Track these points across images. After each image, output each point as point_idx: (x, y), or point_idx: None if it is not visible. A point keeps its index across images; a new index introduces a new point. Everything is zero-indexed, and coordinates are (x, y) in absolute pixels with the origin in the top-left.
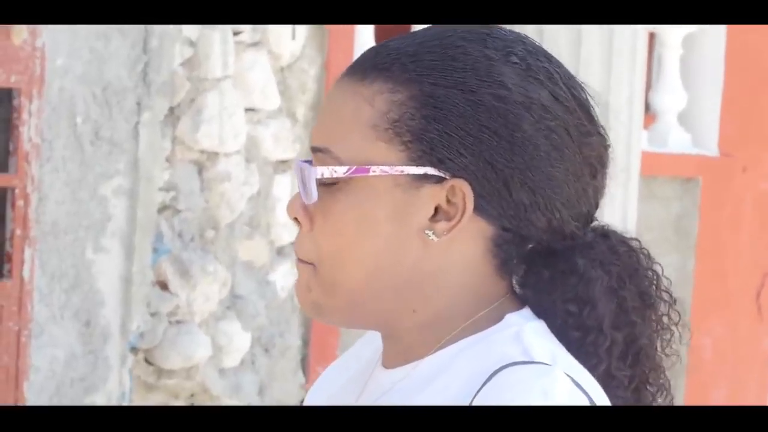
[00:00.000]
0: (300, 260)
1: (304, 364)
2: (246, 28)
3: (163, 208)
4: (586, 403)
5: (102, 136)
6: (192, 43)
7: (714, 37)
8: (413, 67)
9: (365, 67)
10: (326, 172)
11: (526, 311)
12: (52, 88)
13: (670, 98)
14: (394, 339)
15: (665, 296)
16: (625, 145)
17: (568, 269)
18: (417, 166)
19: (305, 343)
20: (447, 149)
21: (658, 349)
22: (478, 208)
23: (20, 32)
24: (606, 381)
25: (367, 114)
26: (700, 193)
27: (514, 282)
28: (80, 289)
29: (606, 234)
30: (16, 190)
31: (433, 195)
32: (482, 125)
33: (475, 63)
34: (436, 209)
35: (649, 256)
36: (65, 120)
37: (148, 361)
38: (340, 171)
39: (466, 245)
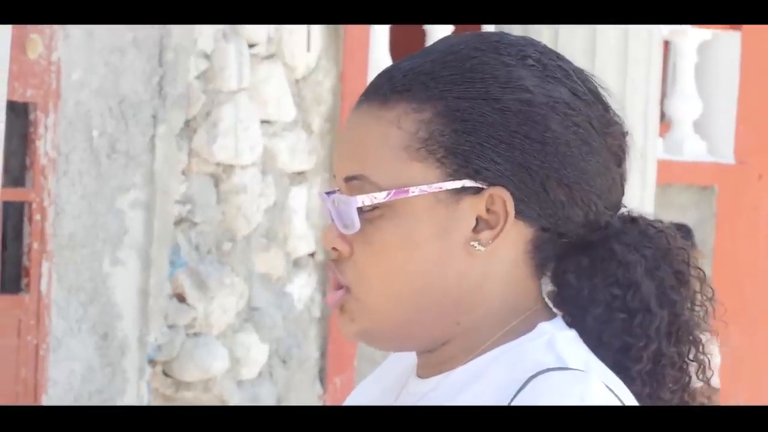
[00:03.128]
0: (338, 287)
1: (322, 376)
2: (261, 41)
3: (179, 221)
4: (616, 403)
5: (118, 149)
6: (207, 56)
7: (729, 45)
8: (434, 85)
9: (384, 92)
10: (366, 200)
11: (558, 320)
12: (68, 102)
13: (686, 106)
14: (432, 351)
15: (698, 273)
16: (640, 153)
17: (606, 255)
18: (454, 180)
19: (323, 354)
20: (481, 159)
21: (696, 325)
22: (517, 212)
23: (36, 46)
24: (656, 359)
25: (396, 137)
26: (716, 200)
27: (550, 286)
28: (97, 302)
29: (634, 219)
30: (33, 204)
31: (474, 206)
32: (512, 131)
33: (494, 71)
34: (478, 219)
35: (676, 236)
36: (81, 133)
37: (165, 374)
38: (380, 197)
39: (507, 250)
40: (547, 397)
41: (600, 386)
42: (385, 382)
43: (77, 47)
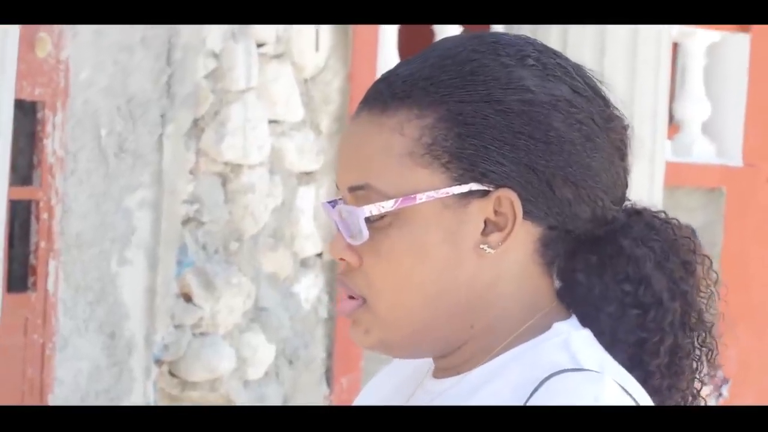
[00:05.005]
0: (349, 297)
1: (328, 376)
2: (269, 40)
3: (187, 221)
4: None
5: (126, 148)
6: (215, 56)
7: (738, 47)
8: (434, 90)
9: (383, 99)
10: (374, 209)
11: (573, 320)
12: (76, 100)
13: (694, 108)
14: (448, 354)
15: (703, 260)
16: (649, 155)
17: (615, 252)
18: (460, 184)
19: (329, 354)
20: (486, 162)
21: (706, 310)
22: (525, 213)
23: (44, 45)
24: (673, 352)
25: (399, 144)
26: (725, 203)
27: (557, 282)
28: (105, 302)
29: (639, 212)
30: (41, 203)
31: (481, 209)
32: (516, 131)
33: (494, 73)
34: (486, 222)
35: (680, 225)
36: (89, 133)
37: (172, 373)
38: (387, 205)
39: (516, 251)
40: (561, 397)
41: (614, 387)
42: (398, 379)
43: (86, 46)
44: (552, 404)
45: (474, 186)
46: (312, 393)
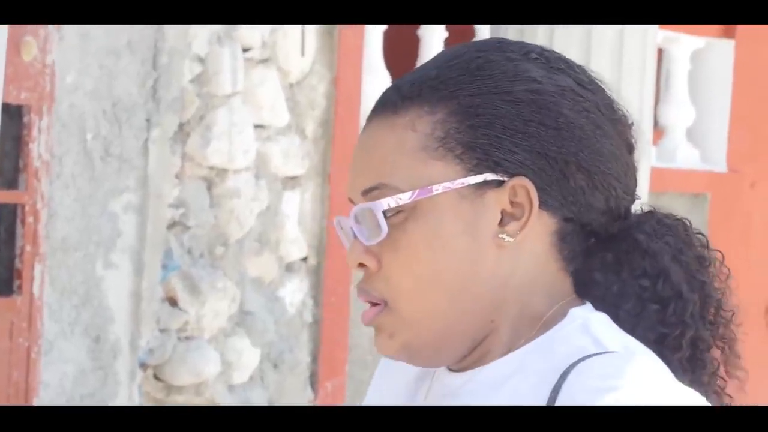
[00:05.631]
0: (371, 302)
1: (313, 380)
2: (255, 45)
3: (172, 225)
4: (671, 380)
5: (112, 152)
6: (201, 60)
7: (722, 52)
8: (443, 87)
9: (393, 101)
10: (392, 202)
11: (588, 306)
12: (62, 104)
13: (679, 114)
14: None
15: (717, 255)
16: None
17: (631, 247)
18: (475, 174)
19: (314, 359)
20: (500, 151)
21: (725, 302)
22: (541, 202)
23: (30, 49)
24: (695, 344)
25: (412, 140)
26: (709, 208)
27: (575, 283)
28: (90, 305)
29: (650, 211)
30: (26, 207)
31: (498, 199)
32: (526, 120)
33: (501, 67)
34: (503, 214)
35: (690, 223)
36: (75, 136)
37: (157, 377)
38: (405, 197)
39: (534, 244)
40: (594, 381)
41: (647, 362)
42: (411, 374)
43: (71, 50)
44: (584, 389)
45: (489, 176)
46: (297, 397)
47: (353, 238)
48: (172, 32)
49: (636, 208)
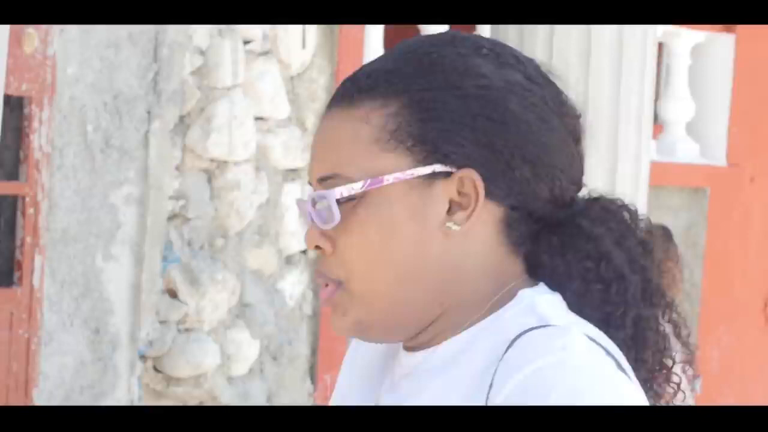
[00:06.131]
0: (327, 284)
1: (313, 373)
2: (256, 37)
3: (172, 217)
4: (603, 355)
5: (112, 144)
6: (202, 52)
7: (722, 47)
8: (397, 80)
9: (350, 93)
10: (344, 191)
11: (541, 287)
12: (62, 96)
13: (679, 108)
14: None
15: (665, 231)
16: (633, 155)
17: (575, 232)
18: (424, 166)
19: (313, 351)
20: (448, 143)
21: (668, 287)
22: (487, 193)
23: (31, 41)
24: (636, 323)
25: (366, 132)
26: (708, 203)
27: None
28: (90, 297)
29: (596, 198)
30: (27, 198)
31: (445, 189)
32: (474, 114)
33: (452, 62)
34: (450, 203)
35: (636, 209)
36: (76, 128)
37: (156, 369)
38: (357, 186)
39: (481, 231)
40: (532, 352)
41: (582, 337)
42: (378, 351)
43: (72, 42)
44: (523, 358)
45: (437, 167)
46: (296, 389)
47: (311, 222)
48: (173, 25)
49: (584, 194)
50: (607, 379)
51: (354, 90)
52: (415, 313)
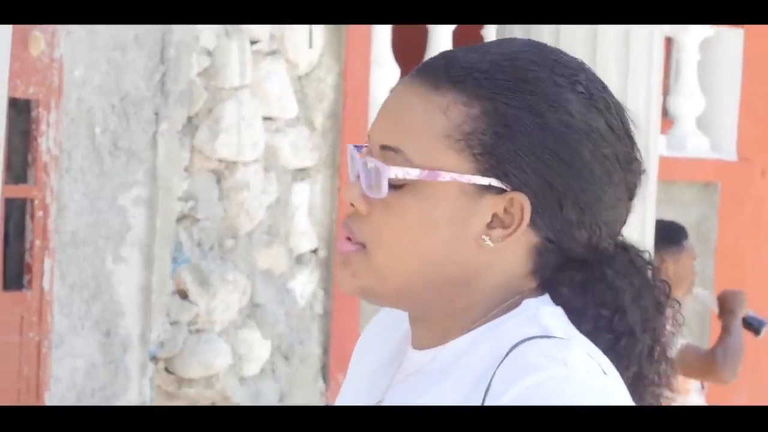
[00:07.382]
0: (348, 239)
1: (324, 372)
2: (263, 37)
3: (182, 218)
4: (600, 372)
5: (120, 146)
6: (209, 53)
7: (731, 41)
8: (487, 84)
9: (438, 76)
10: (400, 173)
11: (545, 298)
12: (70, 99)
13: (688, 103)
14: (425, 323)
15: (673, 304)
16: (643, 149)
17: (598, 278)
18: (483, 176)
19: (325, 350)
20: (512, 165)
21: (669, 345)
22: (531, 221)
23: (38, 43)
24: (637, 381)
25: (441, 123)
26: (719, 197)
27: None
28: (100, 299)
29: (625, 247)
30: (35, 201)
31: (494, 204)
32: (546, 147)
33: (545, 88)
34: (493, 217)
35: (659, 269)
36: (84, 130)
37: (168, 370)
38: (413, 173)
39: (512, 251)
40: (531, 364)
41: (583, 354)
42: (385, 353)
43: (79, 44)
44: (521, 368)
45: (494, 182)
46: (308, 389)
47: (356, 179)
48: (180, 26)
49: (618, 239)
50: (608, 396)
51: (443, 74)
52: (423, 301)
